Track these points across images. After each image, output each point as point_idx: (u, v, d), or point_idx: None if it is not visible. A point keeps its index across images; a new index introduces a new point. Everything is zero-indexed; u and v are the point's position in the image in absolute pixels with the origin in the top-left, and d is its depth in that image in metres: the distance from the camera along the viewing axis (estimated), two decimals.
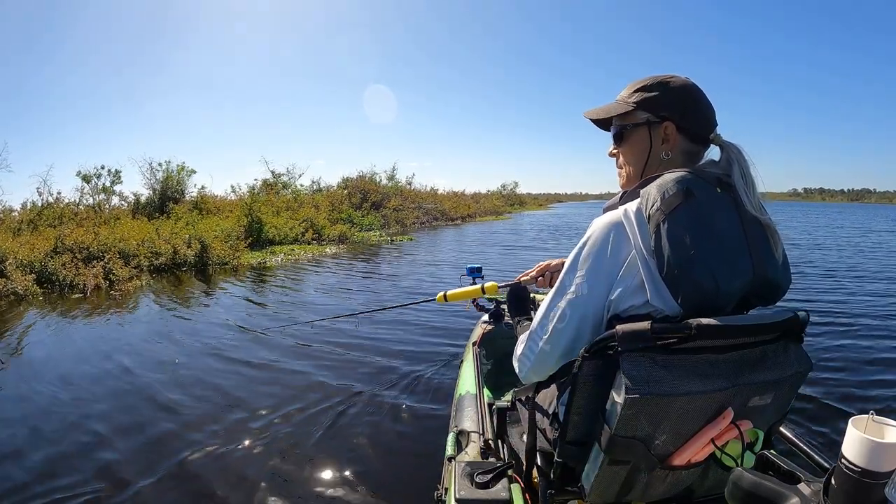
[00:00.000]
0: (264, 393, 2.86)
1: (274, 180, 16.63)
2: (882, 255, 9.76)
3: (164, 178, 12.67)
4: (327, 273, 7.42)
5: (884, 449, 0.44)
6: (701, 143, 0.89)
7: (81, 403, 2.73)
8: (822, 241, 12.37)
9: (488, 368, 1.97)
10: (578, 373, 0.79)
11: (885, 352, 3.47)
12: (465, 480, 1.03)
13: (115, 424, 2.48)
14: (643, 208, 0.77)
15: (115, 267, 6.41)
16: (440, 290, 1.72)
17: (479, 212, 23.26)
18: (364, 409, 2.66)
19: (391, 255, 9.40)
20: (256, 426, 2.45)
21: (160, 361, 3.41)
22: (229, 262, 7.80)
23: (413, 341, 3.82)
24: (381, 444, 2.28)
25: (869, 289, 5.94)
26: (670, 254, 0.73)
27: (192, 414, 2.59)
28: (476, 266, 2.39)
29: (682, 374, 0.72)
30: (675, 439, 0.77)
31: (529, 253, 9.84)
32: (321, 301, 5.48)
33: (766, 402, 0.79)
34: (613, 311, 0.79)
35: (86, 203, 11.54)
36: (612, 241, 0.78)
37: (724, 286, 0.74)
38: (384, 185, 19.47)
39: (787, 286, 0.84)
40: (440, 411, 2.55)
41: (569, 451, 0.86)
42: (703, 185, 0.77)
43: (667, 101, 0.88)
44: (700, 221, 0.74)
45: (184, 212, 10.52)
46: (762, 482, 0.55)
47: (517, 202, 36.63)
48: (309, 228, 11.32)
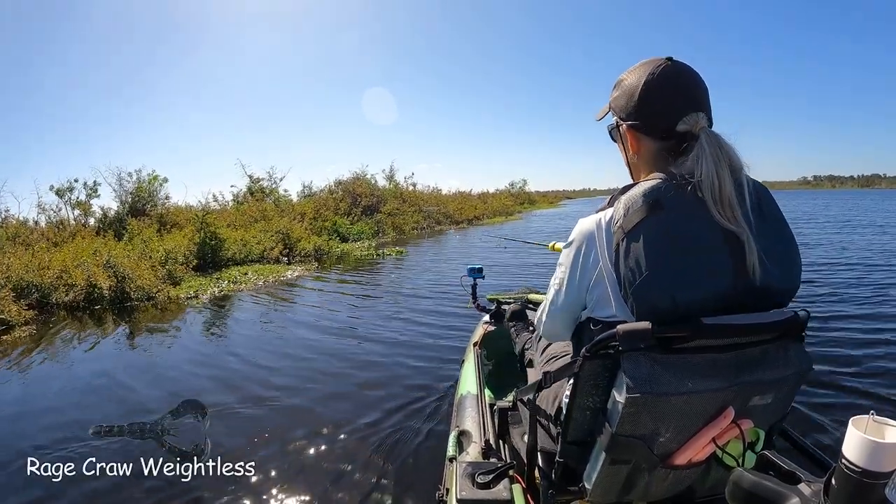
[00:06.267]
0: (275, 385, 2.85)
1: (252, 185, 14.89)
2: (886, 250, 9.73)
3: (136, 189, 11.18)
4: (252, 318, 5.02)
5: (884, 449, 0.44)
6: (669, 138, 0.80)
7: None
8: (826, 236, 12.31)
9: (489, 369, 1.97)
10: (579, 373, 0.79)
11: (887, 351, 3.47)
12: (466, 481, 1.03)
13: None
14: (612, 221, 0.78)
15: (4, 307, 4.67)
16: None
17: (487, 213, 21.82)
18: (364, 408, 2.66)
19: (364, 281, 7.13)
20: (254, 424, 2.45)
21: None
22: (156, 297, 5.92)
23: (412, 344, 3.83)
24: (381, 444, 2.28)
25: (870, 288, 5.94)
26: (626, 274, 0.73)
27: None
28: (477, 266, 2.40)
29: (682, 373, 0.72)
30: (677, 439, 0.77)
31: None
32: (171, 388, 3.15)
33: (766, 401, 0.79)
34: (589, 310, 0.84)
35: (48, 220, 10.21)
36: (584, 249, 0.82)
37: (686, 302, 0.71)
38: (381, 188, 17.92)
39: (790, 291, 0.79)
40: (441, 411, 2.55)
41: (570, 450, 0.86)
42: (675, 193, 0.73)
43: (617, 102, 0.87)
44: (664, 237, 0.72)
45: (140, 227, 8.87)
46: (763, 482, 0.55)
47: (527, 200, 35.64)
48: (279, 243, 9.32)
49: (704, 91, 0.82)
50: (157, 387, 3.15)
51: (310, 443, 2.31)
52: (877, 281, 6.24)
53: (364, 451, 2.23)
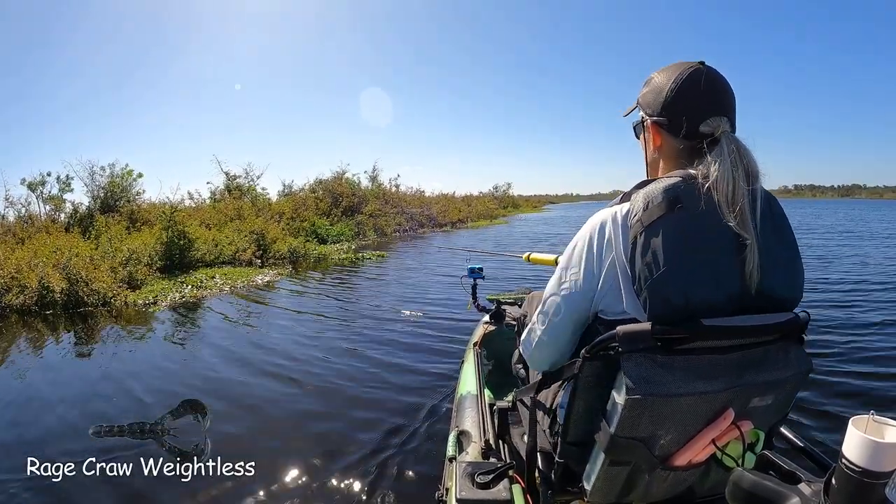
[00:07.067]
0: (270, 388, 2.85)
1: (230, 182, 14.29)
2: (883, 253, 9.75)
3: (108, 183, 10.62)
4: (216, 326, 4.65)
5: (884, 449, 0.44)
6: (691, 138, 0.81)
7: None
8: (820, 239, 12.35)
9: (489, 369, 1.97)
10: (579, 373, 0.79)
11: (886, 352, 3.47)
12: (465, 481, 1.03)
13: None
14: (629, 214, 0.77)
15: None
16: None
17: (471, 216, 21.46)
18: (363, 409, 2.66)
19: (339, 288, 6.54)
20: (250, 421, 2.45)
21: None
22: (112, 302, 5.39)
23: (411, 344, 3.83)
24: (381, 445, 2.28)
25: (870, 288, 5.94)
26: (642, 269, 0.72)
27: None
28: (477, 266, 2.40)
29: (683, 374, 0.72)
30: (676, 440, 0.77)
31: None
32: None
33: (766, 402, 0.79)
34: (595, 308, 0.82)
35: (17, 214, 9.80)
36: (596, 241, 0.80)
37: (698, 302, 0.72)
38: (364, 188, 17.37)
39: (794, 300, 0.79)
40: (441, 412, 2.55)
41: (570, 451, 0.86)
42: (693, 193, 0.74)
43: (645, 98, 0.87)
44: (680, 235, 0.72)
45: (108, 224, 8.34)
46: (763, 482, 0.55)
47: (510, 204, 35.32)
48: (252, 244, 8.74)
49: (731, 98, 0.82)
50: (76, 407, 2.78)
51: (309, 443, 2.31)
52: (877, 282, 6.24)
53: (363, 451, 2.23)
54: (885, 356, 3.38)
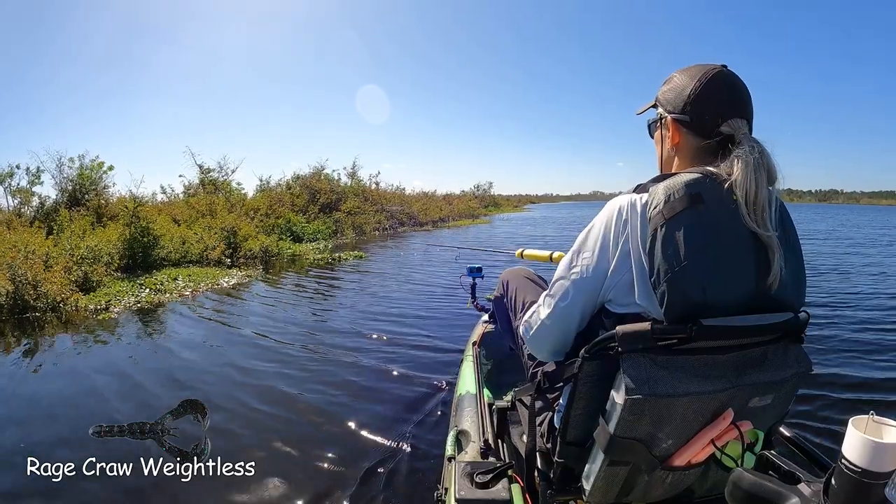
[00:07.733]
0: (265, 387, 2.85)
1: (203, 176, 13.63)
2: (881, 254, 9.74)
3: (77, 175, 9.97)
4: (180, 333, 4.15)
5: (884, 449, 0.44)
6: (710, 138, 0.82)
7: None
8: (820, 240, 12.33)
9: (488, 368, 1.97)
10: (579, 373, 0.79)
11: (886, 352, 3.47)
12: (465, 480, 1.03)
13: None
14: (648, 205, 0.76)
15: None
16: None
17: (452, 215, 21.15)
18: (361, 409, 2.65)
19: (320, 287, 6.31)
20: (248, 421, 2.45)
21: None
22: (61, 307, 4.84)
23: (410, 344, 3.83)
24: (379, 444, 2.28)
25: (869, 288, 5.94)
26: (661, 261, 0.72)
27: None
28: (476, 266, 2.40)
29: (682, 374, 0.72)
30: (676, 440, 0.77)
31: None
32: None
33: (766, 402, 0.79)
34: (603, 298, 0.82)
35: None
36: (614, 226, 0.79)
37: (714, 299, 0.71)
38: (343, 185, 16.80)
39: (800, 303, 0.80)
40: (440, 411, 2.55)
41: (569, 451, 0.86)
42: (713, 189, 0.74)
43: (666, 96, 0.88)
44: (701, 231, 0.72)
45: (73, 219, 7.84)
46: (762, 482, 0.55)
47: (492, 203, 35.16)
48: (222, 242, 8.16)
49: (750, 102, 0.83)
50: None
51: (308, 444, 2.31)
52: (876, 281, 6.24)
53: (362, 450, 2.23)
54: (885, 356, 3.38)
